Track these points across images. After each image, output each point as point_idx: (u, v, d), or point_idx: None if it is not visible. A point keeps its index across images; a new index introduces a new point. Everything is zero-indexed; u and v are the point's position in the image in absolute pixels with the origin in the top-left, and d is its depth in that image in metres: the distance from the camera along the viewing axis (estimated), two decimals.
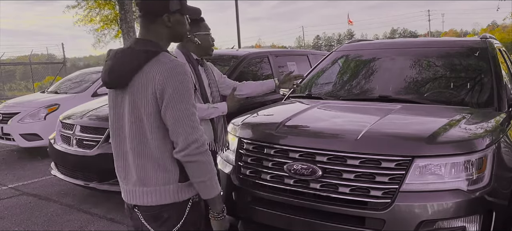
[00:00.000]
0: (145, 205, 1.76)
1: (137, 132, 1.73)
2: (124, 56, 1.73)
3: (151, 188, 1.74)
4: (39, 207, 4.68)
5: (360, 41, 4.56)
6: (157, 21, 1.77)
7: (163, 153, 1.73)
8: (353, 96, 3.56)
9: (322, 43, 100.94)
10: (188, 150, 1.67)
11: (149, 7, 1.77)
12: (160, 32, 1.78)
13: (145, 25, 1.78)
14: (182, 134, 1.66)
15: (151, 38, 1.76)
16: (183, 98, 1.67)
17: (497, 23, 62.17)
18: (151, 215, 1.78)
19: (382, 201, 2.27)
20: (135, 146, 1.74)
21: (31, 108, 7.15)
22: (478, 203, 2.29)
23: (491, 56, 3.45)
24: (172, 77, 1.65)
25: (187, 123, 1.67)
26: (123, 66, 1.71)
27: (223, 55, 6.00)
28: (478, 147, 2.36)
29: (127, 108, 1.73)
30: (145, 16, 1.78)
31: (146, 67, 1.68)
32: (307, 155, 2.52)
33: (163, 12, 1.76)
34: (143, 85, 1.68)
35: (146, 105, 1.68)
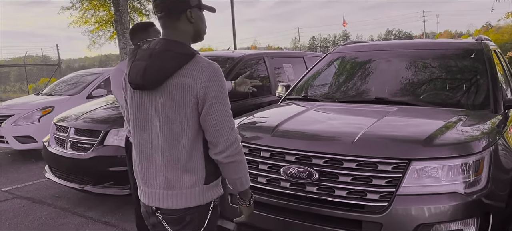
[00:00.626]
0: (170, 208, 1.75)
1: (169, 133, 1.71)
2: (162, 58, 1.69)
3: (177, 191, 1.73)
4: (32, 210, 4.64)
5: (356, 43, 4.56)
6: (181, 18, 1.74)
7: (193, 155, 1.73)
8: (349, 98, 3.55)
9: (317, 44, 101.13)
10: (230, 151, 1.71)
11: (171, 5, 1.73)
12: (185, 30, 1.76)
13: (169, 25, 1.75)
14: (224, 135, 1.70)
15: (178, 38, 1.74)
16: (224, 100, 1.70)
17: (491, 24, 62.57)
18: (174, 218, 1.77)
19: (379, 205, 2.26)
20: (166, 148, 1.72)
21: (25, 111, 7.10)
22: (475, 206, 2.28)
23: (487, 58, 3.45)
24: (214, 80, 1.67)
25: (227, 124, 1.70)
26: (162, 67, 1.68)
27: (219, 56, 5.98)
28: (475, 150, 2.35)
29: (160, 109, 1.71)
30: (168, 15, 1.74)
31: (185, 69, 1.67)
32: (303, 158, 2.50)
33: (186, 7, 1.74)
34: (182, 87, 1.67)
35: (185, 107, 1.68)
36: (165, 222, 1.78)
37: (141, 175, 1.83)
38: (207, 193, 1.77)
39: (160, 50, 1.71)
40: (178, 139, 1.71)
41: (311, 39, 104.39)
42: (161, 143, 1.73)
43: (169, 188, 1.74)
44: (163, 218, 1.78)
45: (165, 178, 1.74)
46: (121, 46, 12.60)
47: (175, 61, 1.68)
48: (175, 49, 1.70)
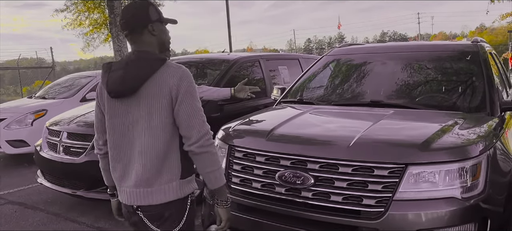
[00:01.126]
0: (151, 204, 1.86)
1: (148, 135, 1.84)
2: (137, 66, 1.85)
3: (156, 187, 1.85)
4: (24, 216, 4.57)
5: (351, 45, 4.53)
6: (144, 32, 1.91)
7: (170, 153, 1.86)
8: (344, 101, 3.51)
9: (313, 46, 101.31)
10: (202, 141, 1.84)
11: (133, 22, 1.90)
12: (150, 42, 1.92)
13: (136, 40, 1.92)
14: (195, 127, 1.84)
15: (146, 49, 1.91)
16: (194, 96, 1.86)
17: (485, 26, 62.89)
18: (153, 214, 1.88)
19: (375, 210, 2.22)
20: (145, 148, 1.84)
21: (18, 114, 7.01)
22: (473, 210, 2.24)
23: (483, 60, 3.42)
24: (184, 79, 1.84)
25: (198, 117, 1.86)
26: (138, 74, 1.84)
27: (214, 59, 5.94)
28: (472, 154, 2.31)
29: (138, 113, 1.85)
30: (132, 32, 1.91)
31: (158, 73, 1.84)
32: (298, 162, 2.46)
33: (147, 23, 1.90)
34: (157, 89, 1.83)
35: (161, 108, 1.83)
36: (146, 219, 1.89)
37: (121, 178, 1.93)
38: (184, 187, 1.90)
39: (135, 59, 1.87)
40: (156, 139, 1.84)
41: (306, 41, 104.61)
42: (141, 145, 1.85)
43: (148, 186, 1.86)
44: (144, 215, 1.89)
45: (145, 177, 1.85)
46: (116, 49, 12.50)
47: (149, 67, 1.84)
48: (147, 57, 1.87)
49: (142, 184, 1.85)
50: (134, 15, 1.91)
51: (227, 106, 4.93)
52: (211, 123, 4.12)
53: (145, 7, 1.93)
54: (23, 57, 19.95)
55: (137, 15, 1.90)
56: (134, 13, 1.91)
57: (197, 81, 5.56)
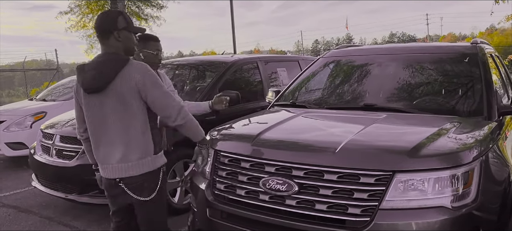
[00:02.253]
0: (129, 176, 2.30)
1: (122, 121, 2.26)
2: (107, 64, 2.24)
3: (134, 162, 2.29)
4: (18, 220, 4.53)
5: (348, 47, 4.42)
6: (110, 37, 2.28)
7: (142, 133, 2.29)
8: (338, 104, 3.41)
9: (320, 48, 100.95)
10: (181, 114, 2.32)
11: (102, 26, 2.28)
12: (116, 46, 2.29)
13: (103, 42, 2.30)
14: (171, 107, 2.29)
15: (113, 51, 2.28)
16: (160, 84, 2.29)
17: (495, 27, 62.08)
18: (134, 186, 2.33)
19: (360, 219, 2.12)
20: (121, 132, 2.27)
21: (17, 116, 7.00)
22: (464, 220, 2.14)
23: (482, 62, 3.30)
24: (146, 72, 2.26)
25: (170, 98, 2.30)
26: (107, 72, 2.21)
27: (214, 61, 5.88)
28: (464, 160, 2.21)
29: (111, 104, 2.25)
30: (101, 35, 2.29)
31: (124, 70, 2.22)
32: (283, 169, 2.37)
33: (113, 30, 2.26)
34: (125, 83, 2.21)
35: (130, 98, 2.23)
36: (127, 189, 2.34)
37: (103, 158, 2.36)
38: (156, 161, 2.36)
39: (103, 60, 2.27)
40: (129, 124, 2.26)
41: (314, 42, 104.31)
42: (117, 130, 2.27)
43: (127, 162, 2.29)
44: (125, 186, 2.34)
45: (124, 155, 2.29)
46: None
47: (116, 66, 2.22)
48: (114, 57, 2.26)
49: (122, 161, 2.29)
50: (104, 22, 2.28)
51: (224, 110, 4.85)
52: (206, 126, 4.11)
53: (114, 16, 2.30)
54: (32, 59, 20.13)
55: (106, 22, 2.28)
56: (104, 20, 2.29)
57: (198, 82, 5.50)
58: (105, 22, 2.28)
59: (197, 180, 2.80)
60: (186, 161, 4.49)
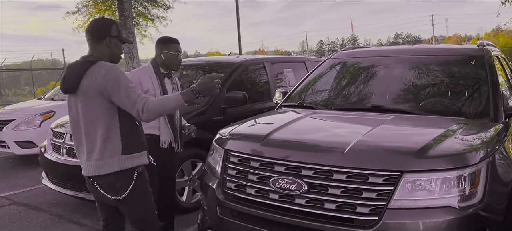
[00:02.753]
0: (99, 175, 2.34)
1: (90, 120, 2.33)
2: (73, 67, 2.37)
3: (101, 161, 2.33)
4: (28, 217, 4.61)
5: (355, 48, 4.46)
6: (101, 42, 2.40)
7: (110, 133, 2.33)
8: (345, 105, 3.46)
9: (325, 48, 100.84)
10: (145, 113, 2.28)
11: (96, 31, 2.41)
12: (103, 51, 2.41)
13: (92, 46, 2.42)
14: (134, 105, 2.28)
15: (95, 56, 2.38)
16: (123, 83, 2.29)
17: (501, 28, 61.77)
18: (106, 186, 2.38)
19: (369, 219, 2.17)
20: (90, 131, 2.34)
21: (26, 115, 7.09)
22: (471, 220, 2.18)
23: (488, 64, 3.34)
24: (109, 74, 2.28)
25: (133, 97, 2.29)
26: (72, 73, 2.33)
27: (221, 62, 5.93)
28: (471, 161, 2.25)
29: (80, 105, 2.33)
30: (92, 38, 2.41)
31: (89, 71, 2.29)
32: (293, 169, 2.42)
33: (106, 35, 2.40)
34: (89, 84, 2.28)
35: (95, 98, 2.29)
36: (100, 188, 2.40)
37: (79, 156, 2.46)
38: (125, 162, 2.36)
39: (74, 63, 2.39)
40: (96, 124, 2.32)
41: (319, 43, 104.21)
42: (86, 129, 2.35)
43: (98, 160, 2.34)
44: (97, 185, 2.40)
45: (93, 153, 2.34)
46: (126, 51, 12.60)
47: (81, 68, 2.32)
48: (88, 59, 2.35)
49: (89, 159, 2.35)
50: (99, 27, 2.42)
51: (230, 109, 4.91)
52: (214, 126, 4.15)
53: (109, 23, 2.44)
54: (38, 59, 20.29)
55: (101, 27, 2.41)
56: (100, 25, 2.43)
57: None
58: (100, 27, 2.41)
59: (207, 179, 2.86)
60: (193, 160, 4.55)
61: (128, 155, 2.36)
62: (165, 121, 3.30)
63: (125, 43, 2.56)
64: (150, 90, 3.26)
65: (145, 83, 3.28)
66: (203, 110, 4.70)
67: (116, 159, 2.33)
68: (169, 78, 3.44)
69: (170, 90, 3.40)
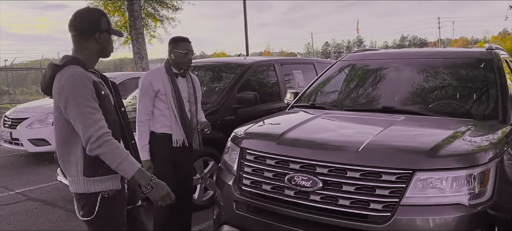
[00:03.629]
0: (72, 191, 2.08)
1: (56, 131, 2.07)
2: (47, 69, 2.06)
3: (69, 178, 2.07)
4: (44, 212, 4.73)
5: (365, 51, 4.55)
6: (90, 38, 2.07)
7: (71, 150, 2.03)
8: (356, 106, 3.55)
9: (331, 50, 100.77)
10: (89, 147, 1.93)
11: (84, 26, 2.07)
12: (91, 48, 2.09)
13: (78, 43, 2.08)
14: (80, 132, 1.94)
15: (79, 55, 2.07)
16: (76, 100, 1.92)
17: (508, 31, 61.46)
18: (76, 200, 2.10)
19: (382, 215, 2.26)
20: (57, 143, 2.08)
21: (40, 114, 7.24)
22: (480, 217, 2.26)
23: (497, 68, 3.41)
24: (66, 86, 1.93)
25: (82, 122, 1.92)
26: (46, 76, 2.05)
27: (230, 63, 6.03)
28: (481, 161, 2.33)
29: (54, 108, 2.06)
30: (80, 34, 2.07)
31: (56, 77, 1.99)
32: (308, 166, 2.52)
33: (96, 31, 2.07)
34: (54, 91, 2.00)
35: (57, 108, 2.01)
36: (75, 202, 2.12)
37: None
38: (90, 185, 2.02)
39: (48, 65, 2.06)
40: (60, 136, 2.05)
41: (324, 45, 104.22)
42: (58, 139, 2.08)
43: (67, 175, 2.08)
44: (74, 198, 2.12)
45: (62, 166, 2.10)
46: (135, 51, 12.76)
47: (50, 71, 2.01)
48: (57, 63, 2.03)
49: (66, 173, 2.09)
50: (86, 21, 2.07)
51: (241, 109, 5.02)
52: (225, 126, 4.21)
53: (98, 16, 2.10)
54: (45, 58, 20.47)
55: (89, 22, 2.07)
56: (87, 19, 2.07)
57: (213, 84, 5.66)
58: (88, 22, 2.07)
59: (223, 176, 2.96)
60: (205, 159, 4.66)
61: (91, 178, 2.01)
62: (176, 120, 3.30)
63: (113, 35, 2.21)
64: (161, 90, 3.27)
65: (155, 83, 3.27)
66: (215, 110, 4.81)
67: (81, 180, 2.01)
68: (184, 77, 3.44)
69: (184, 89, 3.39)
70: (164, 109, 3.29)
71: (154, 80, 3.29)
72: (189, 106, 3.40)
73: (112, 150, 1.95)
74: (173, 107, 3.28)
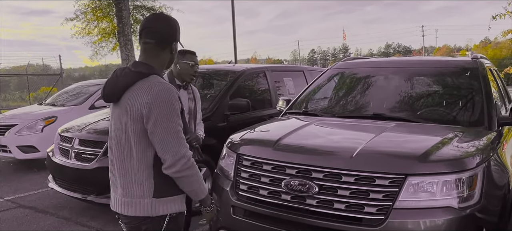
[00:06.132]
0: (124, 214, 1.92)
1: (122, 144, 1.89)
2: (119, 75, 1.91)
3: (130, 199, 1.89)
4: (36, 220, 4.70)
5: (355, 59, 4.67)
6: (167, 48, 1.96)
7: (141, 168, 1.86)
8: (348, 113, 3.65)
9: (317, 57, 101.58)
10: (178, 166, 1.82)
11: (164, 36, 1.95)
12: (164, 58, 1.98)
13: (152, 51, 1.94)
14: (170, 151, 1.81)
15: (151, 63, 1.93)
16: (170, 117, 1.81)
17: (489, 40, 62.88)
18: (130, 226, 1.94)
19: (376, 218, 2.35)
20: (121, 157, 1.91)
21: (29, 120, 7.18)
22: (469, 220, 2.36)
23: (482, 76, 3.55)
24: (159, 98, 1.80)
25: (174, 140, 1.82)
26: (116, 83, 1.90)
27: (221, 70, 6.10)
28: (469, 166, 2.44)
29: (117, 121, 1.91)
30: (158, 44, 1.94)
31: (136, 86, 1.85)
32: (303, 171, 2.59)
33: (173, 41, 1.98)
34: (131, 101, 1.84)
35: (133, 120, 1.83)
36: (122, 225, 2.00)
37: (111, 181, 2.03)
38: (158, 207, 1.88)
39: (123, 68, 1.93)
40: (129, 151, 1.88)
41: (310, 52, 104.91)
42: (118, 153, 1.93)
43: (125, 196, 1.90)
44: (123, 225, 2.00)
45: (122, 187, 1.92)
46: (123, 57, 12.74)
47: (129, 78, 1.87)
48: (134, 69, 1.89)
49: (121, 193, 1.92)
50: (167, 30, 1.95)
51: (233, 116, 5.08)
52: (218, 132, 4.26)
53: (176, 25, 1.99)
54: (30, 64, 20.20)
55: (169, 30, 1.96)
56: (168, 29, 1.96)
57: (203, 91, 5.72)
58: (168, 31, 1.96)
59: (220, 182, 3.01)
60: (199, 165, 4.69)
61: (161, 199, 1.89)
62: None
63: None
64: None
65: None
66: (208, 117, 4.86)
67: (146, 202, 1.87)
68: (186, 90, 3.38)
69: (185, 102, 3.33)
70: None
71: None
72: (189, 118, 3.36)
73: (196, 172, 1.91)
74: None
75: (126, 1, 12.59)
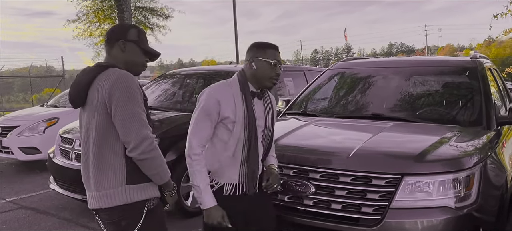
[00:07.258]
0: (102, 208, 1.93)
1: (92, 139, 1.93)
2: (80, 76, 1.99)
3: (104, 191, 1.91)
4: (37, 221, 4.73)
5: (355, 59, 4.67)
6: (114, 46, 2.03)
7: (112, 157, 1.91)
8: (346, 113, 3.65)
9: (319, 57, 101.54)
10: (142, 148, 1.86)
11: (110, 33, 2.08)
12: (116, 57, 2.03)
13: (107, 50, 2.07)
14: (132, 133, 1.85)
15: (108, 62, 2.02)
16: (130, 100, 1.86)
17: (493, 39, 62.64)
18: (110, 222, 1.95)
19: (372, 218, 2.35)
20: (92, 153, 1.94)
21: (31, 122, 7.21)
22: (466, 220, 2.36)
23: (481, 76, 3.54)
24: (118, 82, 1.87)
25: (136, 123, 1.86)
26: (78, 83, 1.97)
27: (221, 71, 6.11)
28: (466, 166, 2.44)
29: (86, 120, 1.95)
30: (107, 41, 2.07)
31: (96, 79, 1.92)
32: (301, 172, 2.60)
33: (120, 38, 2.02)
34: (94, 94, 1.90)
35: (98, 111, 1.89)
36: (101, 224, 1.99)
37: (85, 183, 2.04)
38: (132, 193, 1.92)
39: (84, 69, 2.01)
40: (98, 143, 1.91)
41: (313, 52, 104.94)
42: (90, 150, 1.95)
43: (99, 190, 1.92)
44: (99, 219, 2.00)
45: (94, 181, 1.94)
46: None
47: (89, 74, 1.95)
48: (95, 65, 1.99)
49: (94, 189, 1.95)
50: (114, 29, 2.09)
51: None
52: None
53: (127, 27, 2.10)
54: (33, 65, 20.34)
55: (117, 30, 2.07)
56: (116, 28, 2.10)
57: None
58: (116, 30, 2.07)
59: None
60: None
61: (134, 186, 1.92)
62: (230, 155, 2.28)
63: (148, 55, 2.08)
64: (230, 117, 2.23)
65: (225, 105, 2.23)
66: None
67: (120, 190, 1.89)
68: (261, 99, 2.39)
69: (261, 116, 2.36)
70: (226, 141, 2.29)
71: (223, 100, 2.24)
72: (263, 137, 2.41)
73: (160, 154, 1.95)
74: (242, 139, 2.26)
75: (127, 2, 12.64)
